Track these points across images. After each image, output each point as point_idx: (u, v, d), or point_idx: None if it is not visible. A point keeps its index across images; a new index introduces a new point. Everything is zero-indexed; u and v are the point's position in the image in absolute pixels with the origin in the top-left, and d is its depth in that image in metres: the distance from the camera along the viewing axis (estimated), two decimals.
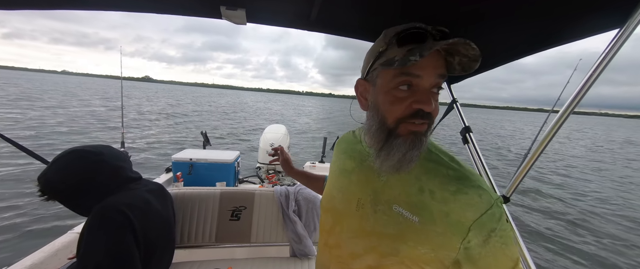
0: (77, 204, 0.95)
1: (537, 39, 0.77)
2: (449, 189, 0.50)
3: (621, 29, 0.57)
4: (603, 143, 21.43)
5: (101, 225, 0.87)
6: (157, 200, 1.10)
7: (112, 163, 0.99)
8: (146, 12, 0.94)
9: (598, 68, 0.61)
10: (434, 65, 0.49)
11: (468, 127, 1.15)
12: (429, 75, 0.48)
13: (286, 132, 3.94)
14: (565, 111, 0.69)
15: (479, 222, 0.47)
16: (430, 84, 0.49)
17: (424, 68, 0.48)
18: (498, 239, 0.47)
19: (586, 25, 0.66)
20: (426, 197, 0.51)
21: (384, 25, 0.94)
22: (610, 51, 0.59)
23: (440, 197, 0.50)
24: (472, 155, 1.12)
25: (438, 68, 0.49)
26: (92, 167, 0.95)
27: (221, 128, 13.53)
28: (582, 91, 0.64)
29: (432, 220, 0.49)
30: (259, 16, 0.95)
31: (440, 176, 0.52)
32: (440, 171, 0.52)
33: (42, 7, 0.89)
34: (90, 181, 0.94)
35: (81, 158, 0.94)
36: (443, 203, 0.49)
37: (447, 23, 0.79)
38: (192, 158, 2.92)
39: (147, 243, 0.96)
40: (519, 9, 0.67)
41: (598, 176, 9.05)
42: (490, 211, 0.47)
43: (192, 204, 1.48)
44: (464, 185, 0.49)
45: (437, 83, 0.50)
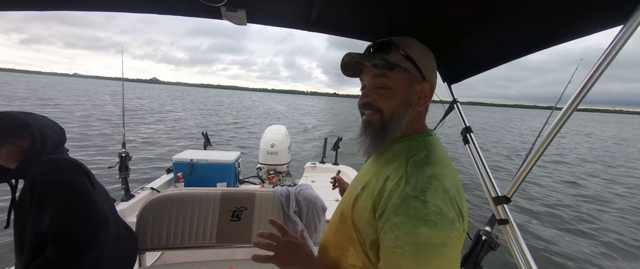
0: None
1: (539, 37, 0.76)
2: (392, 178, 0.56)
3: (624, 25, 0.56)
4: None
5: (57, 172, 0.92)
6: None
7: (42, 130, 1.02)
8: (146, 12, 0.94)
9: (602, 65, 0.60)
10: (368, 71, 0.65)
11: (469, 127, 1.15)
12: (366, 78, 0.66)
13: (286, 133, 3.94)
14: (568, 108, 0.68)
15: (387, 207, 0.52)
16: (370, 84, 0.64)
17: (363, 74, 0.67)
18: (388, 231, 0.50)
19: (589, 22, 0.65)
20: (374, 178, 0.61)
21: (383, 26, 0.95)
22: (614, 47, 0.58)
23: (381, 181, 0.58)
24: (473, 155, 1.11)
25: (369, 72, 0.65)
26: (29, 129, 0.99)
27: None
28: (586, 87, 0.63)
29: (367, 193, 0.60)
30: (259, 17, 0.95)
31: (394, 165, 0.59)
32: (398, 161, 0.60)
33: (43, 7, 0.89)
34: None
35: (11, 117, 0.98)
36: (377, 187, 0.57)
37: (447, 22, 0.79)
38: (192, 159, 2.93)
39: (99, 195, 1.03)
40: (521, 7, 0.67)
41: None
42: (394, 201, 0.51)
43: (192, 204, 1.48)
44: (398, 172, 0.56)
45: (377, 82, 0.62)
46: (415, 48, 0.63)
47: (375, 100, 0.63)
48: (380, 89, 0.62)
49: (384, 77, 0.61)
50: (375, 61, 0.60)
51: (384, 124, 0.62)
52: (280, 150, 3.70)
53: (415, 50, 0.63)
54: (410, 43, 0.64)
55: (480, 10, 0.71)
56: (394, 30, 0.91)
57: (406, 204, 0.49)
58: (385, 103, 0.62)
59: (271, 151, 3.67)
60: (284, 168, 3.80)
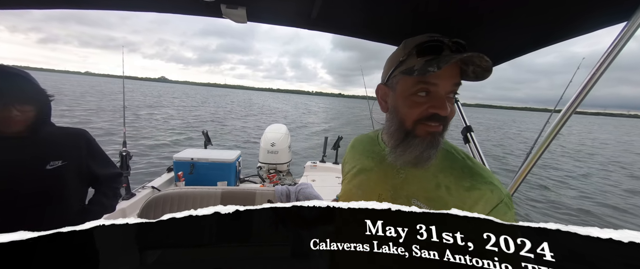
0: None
1: (541, 35, 0.76)
2: (464, 185, 0.54)
3: (627, 23, 0.56)
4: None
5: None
6: None
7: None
8: (148, 10, 0.94)
9: (602, 65, 0.60)
10: (450, 74, 0.53)
11: (469, 126, 1.15)
12: (445, 84, 0.53)
13: (287, 132, 3.94)
14: (568, 109, 0.68)
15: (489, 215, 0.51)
16: (446, 91, 0.54)
17: (441, 77, 0.52)
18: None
19: (591, 20, 0.65)
20: (443, 192, 0.56)
21: (384, 24, 0.94)
22: (616, 46, 0.58)
23: (455, 192, 0.55)
24: (473, 154, 1.11)
25: (453, 77, 0.54)
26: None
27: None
28: (586, 88, 0.63)
29: (437, 205, 0.55)
30: (260, 15, 0.95)
31: (455, 174, 0.56)
32: (455, 168, 0.57)
33: (43, 6, 0.89)
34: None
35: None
36: (458, 198, 0.54)
37: (449, 21, 0.79)
38: (193, 158, 2.93)
39: None
40: (523, 5, 0.67)
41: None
42: (499, 206, 0.52)
43: (193, 203, 1.48)
44: (477, 181, 0.54)
45: (452, 90, 0.54)
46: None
47: (453, 111, 0.56)
48: (451, 96, 0.55)
49: (459, 85, 0.55)
50: (484, 63, 0.50)
51: (443, 134, 0.57)
52: (280, 149, 3.70)
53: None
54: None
55: (484, 7, 0.70)
56: (395, 30, 0.91)
57: (505, 206, 0.52)
58: (451, 114, 0.55)
59: (271, 150, 3.67)
60: (284, 167, 3.80)
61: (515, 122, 41.88)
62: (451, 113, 0.55)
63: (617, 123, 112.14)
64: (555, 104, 1.51)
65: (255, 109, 29.71)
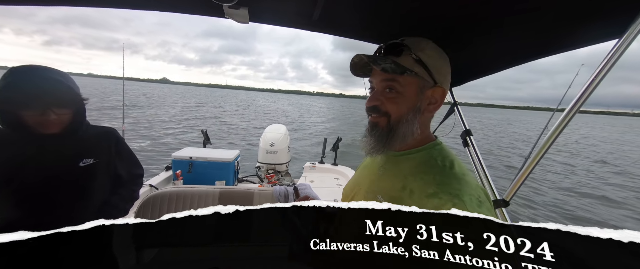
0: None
1: (537, 46, 0.76)
2: (427, 191, 0.54)
3: (620, 39, 0.56)
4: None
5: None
6: None
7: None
8: (149, 9, 0.94)
9: (605, 67, 0.60)
10: (375, 73, 0.64)
11: (468, 130, 1.15)
12: (375, 80, 0.64)
13: (286, 132, 3.94)
14: (570, 110, 0.67)
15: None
16: (380, 87, 0.63)
17: (373, 76, 0.65)
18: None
19: (586, 34, 0.65)
20: (405, 194, 0.57)
21: (385, 27, 0.94)
22: (612, 57, 0.58)
23: (417, 197, 0.55)
24: (472, 158, 1.11)
25: (376, 75, 0.63)
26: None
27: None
28: (589, 89, 0.63)
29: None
30: (262, 15, 0.95)
31: (426, 179, 0.56)
32: (428, 174, 0.57)
33: (47, 3, 0.89)
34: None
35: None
36: (417, 203, 0.53)
37: (447, 26, 0.79)
38: (192, 157, 2.93)
39: None
40: (519, 17, 0.67)
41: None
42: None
43: (191, 202, 1.48)
44: (441, 191, 0.53)
45: (387, 86, 0.61)
46: (428, 52, 0.60)
47: (383, 104, 0.61)
48: (389, 93, 0.61)
49: (393, 81, 0.60)
50: (385, 64, 0.58)
51: (391, 128, 0.61)
52: (279, 150, 3.69)
53: (428, 53, 0.60)
54: (424, 46, 0.61)
55: (481, 16, 0.71)
56: (397, 32, 0.91)
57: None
58: (393, 107, 0.60)
59: (270, 150, 3.66)
60: (283, 168, 3.79)
61: (520, 121, 41.93)
62: (385, 106, 0.61)
63: (621, 122, 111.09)
64: (558, 103, 1.52)
65: (255, 109, 29.68)
